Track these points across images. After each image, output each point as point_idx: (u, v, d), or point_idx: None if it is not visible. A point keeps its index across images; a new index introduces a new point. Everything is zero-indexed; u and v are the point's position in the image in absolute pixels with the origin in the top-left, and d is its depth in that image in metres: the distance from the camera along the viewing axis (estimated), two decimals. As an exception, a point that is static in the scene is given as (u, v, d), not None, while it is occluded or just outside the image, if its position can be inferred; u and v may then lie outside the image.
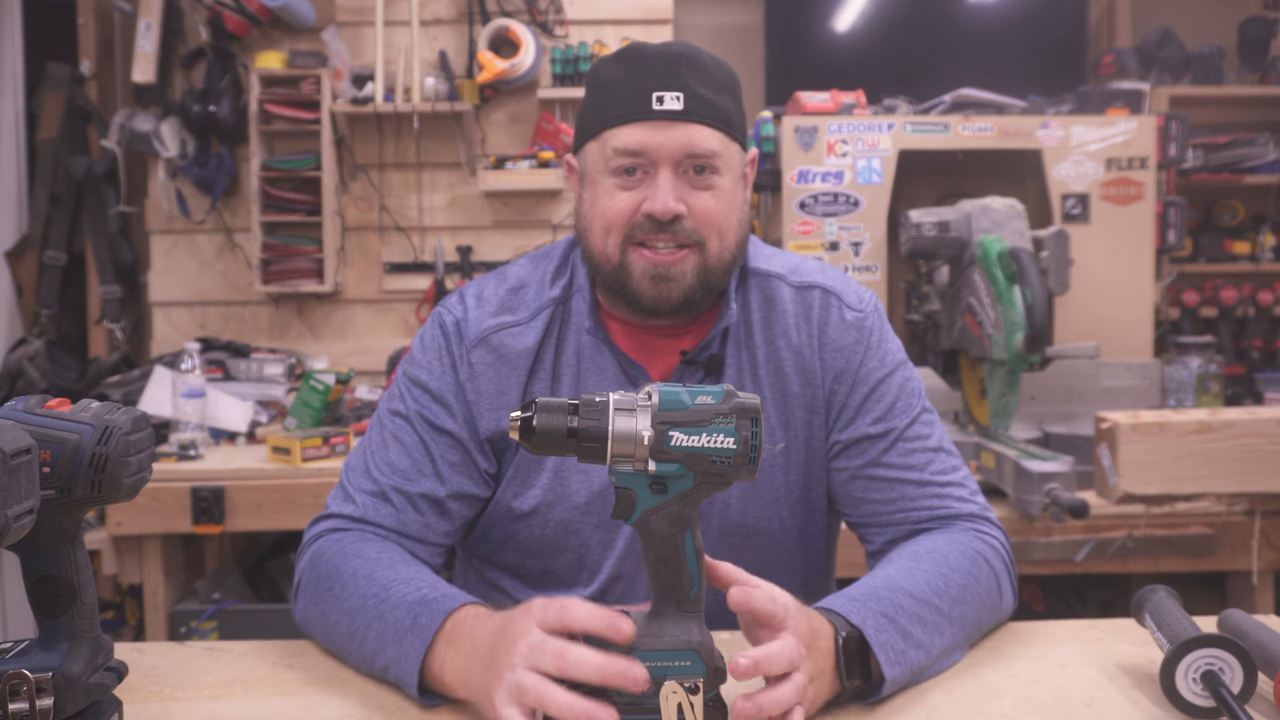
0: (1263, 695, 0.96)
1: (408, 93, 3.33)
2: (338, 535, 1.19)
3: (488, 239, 3.50)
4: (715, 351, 1.24)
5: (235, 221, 3.47)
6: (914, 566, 1.10)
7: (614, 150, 1.16)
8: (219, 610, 2.59)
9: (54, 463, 0.82)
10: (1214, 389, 2.82)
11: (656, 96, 1.14)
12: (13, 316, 3.36)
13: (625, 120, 1.16)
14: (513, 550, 1.27)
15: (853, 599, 1.03)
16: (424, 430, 1.23)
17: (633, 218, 1.17)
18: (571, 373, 1.24)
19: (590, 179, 1.21)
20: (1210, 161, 3.67)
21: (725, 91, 1.19)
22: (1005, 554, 1.21)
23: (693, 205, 1.16)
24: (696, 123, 1.15)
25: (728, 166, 1.19)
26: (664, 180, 1.15)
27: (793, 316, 1.26)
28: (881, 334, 1.28)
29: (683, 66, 1.16)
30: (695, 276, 1.18)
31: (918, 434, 1.24)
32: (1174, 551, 2.19)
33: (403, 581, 1.06)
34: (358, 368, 3.27)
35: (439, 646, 0.97)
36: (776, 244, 2.92)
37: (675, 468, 0.87)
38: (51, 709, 0.83)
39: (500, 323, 1.25)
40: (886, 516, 1.23)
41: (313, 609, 1.14)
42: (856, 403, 1.25)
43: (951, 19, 3.83)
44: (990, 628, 1.16)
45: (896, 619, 1.01)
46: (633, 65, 1.18)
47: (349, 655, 1.09)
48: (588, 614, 0.87)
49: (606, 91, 1.19)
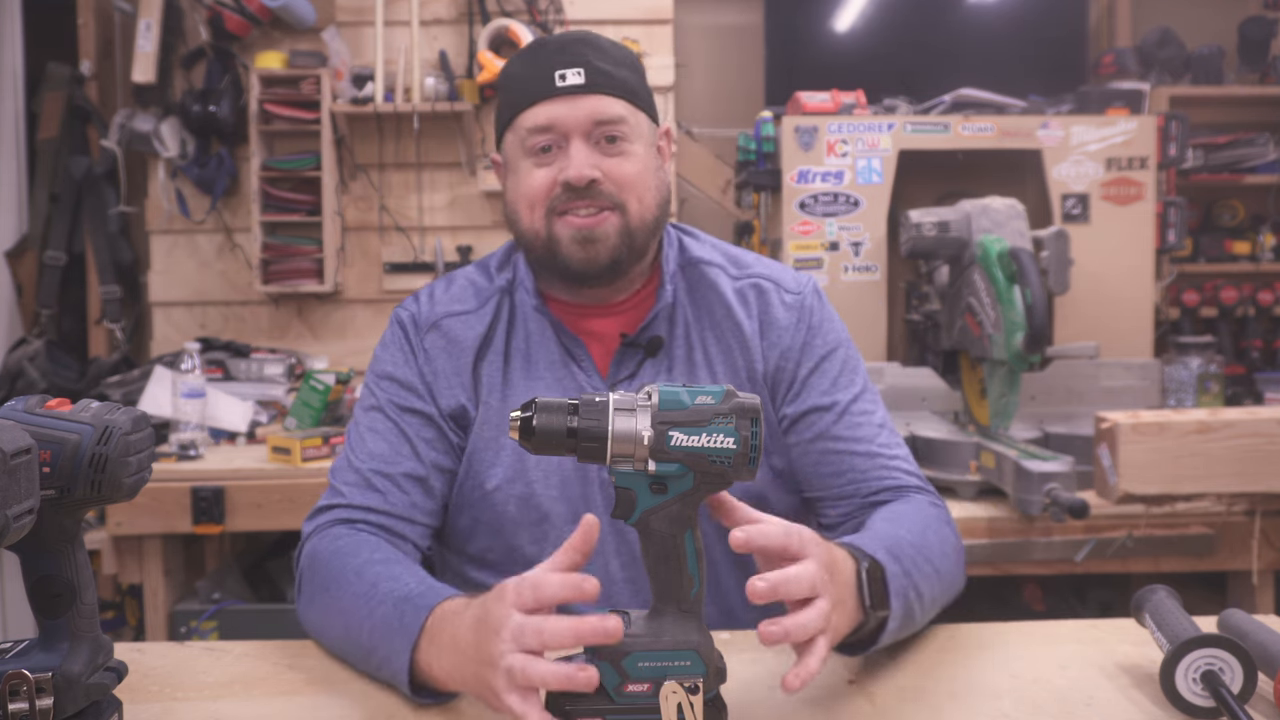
0: (1263, 695, 0.96)
1: (408, 93, 3.33)
2: (332, 532, 1.21)
3: (488, 239, 3.50)
4: (656, 334, 1.28)
5: (235, 221, 3.47)
6: (895, 523, 1.14)
7: (526, 130, 1.22)
8: (219, 610, 2.59)
9: (54, 463, 0.82)
10: (1214, 389, 2.82)
11: (559, 75, 1.22)
12: (13, 316, 3.35)
13: (532, 101, 1.22)
14: (482, 534, 1.29)
15: (859, 537, 1.06)
16: (396, 415, 1.28)
17: (551, 190, 1.22)
18: (521, 354, 1.29)
19: (512, 166, 1.27)
20: (1210, 161, 3.67)
21: (624, 66, 1.25)
22: (954, 526, 1.25)
23: (608, 170, 1.22)
24: (600, 94, 1.22)
25: (638, 134, 1.24)
26: (576, 149, 1.21)
27: (734, 303, 1.31)
28: (822, 313, 1.33)
29: (581, 46, 1.24)
30: (619, 237, 1.23)
31: (863, 409, 1.29)
32: (1174, 551, 2.19)
33: (391, 578, 1.07)
34: (358, 368, 3.26)
35: (423, 644, 0.98)
36: (776, 244, 2.92)
37: (675, 468, 0.87)
38: (51, 709, 0.83)
39: (450, 310, 1.32)
40: (838, 489, 1.27)
41: (311, 609, 1.16)
42: (803, 377, 1.29)
43: (951, 19, 3.83)
44: (951, 596, 1.19)
45: (899, 558, 1.05)
46: (534, 55, 1.26)
47: (347, 654, 1.09)
48: (559, 584, 0.88)
49: (514, 84, 1.26)
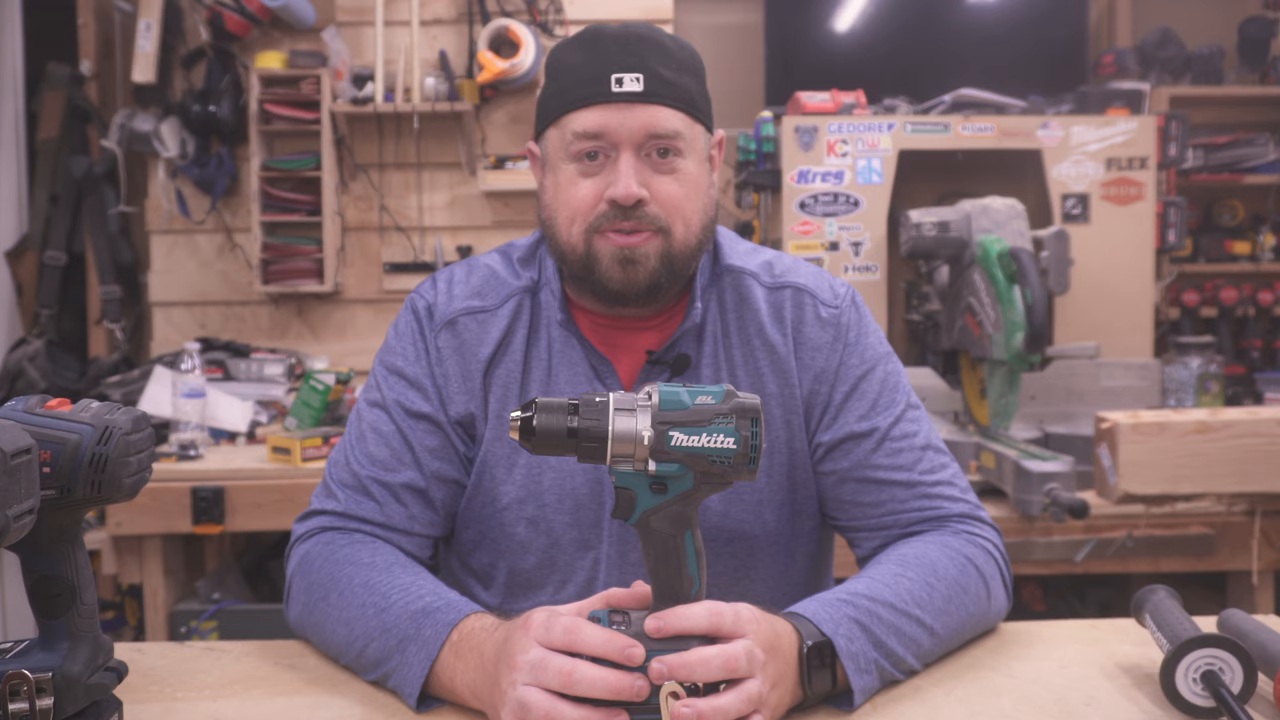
0: (1263, 695, 0.96)
1: (408, 93, 3.33)
2: (327, 536, 1.17)
3: (488, 239, 3.50)
4: (683, 351, 1.22)
5: (235, 221, 3.47)
6: (900, 573, 1.08)
7: (574, 134, 1.14)
8: (219, 610, 2.59)
9: (54, 463, 0.81)
10: (1214, 389, 2.82)
11: (615, 78, 1.12)
12: (13, 316, 3.36)
13: (584, 103, 1.13)
14: (486, 550, 1.25)
15: (827, 604, 1.00)
16: (400, 418, 1.21)
17: (595, 206, 1.14)
18: (543, 366, 1.23)
19: (551, 165, 1.19)
20: (1210, 161, 3.67)
21: (687, 71, 1.16)
22: (998, 554, 1.18)
23: (655, 190, 1.14)
24: (657, 104, 1.13)
25: (691, 149, 1.16)
26: (625, 164, 1.13)
27: (766, 316, 1.23)
28: (860, 329, 1.25)
29: (642, 47, 1.14)
30: (659, 261, 1.15)
31: (904, 432, 1.21)
32: (1174, 551, 2.19)
33: (403, 589, 1.05)
34: (358, 368, 3.26)
35: (446, 658, 0.96)
36: (776, 244, 2.92)
37: (675, 468, 0.87)
38: (51, 709, 0.83)
39: (469, 306, 1.24)
40: (875, 520, 1.20)
41: (307, 617, 1.13)
42: (838, 401, 1.22)
43: (951, 19, 3.83)
44: (978, 633, 1.15)
45: (871, 628, 0.99)
46: (591, 48, 1.15)
47: (346, 663, 1.08)
48: (601, 640, 0.86)
49: (565, 75, 1.16)
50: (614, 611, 0.92)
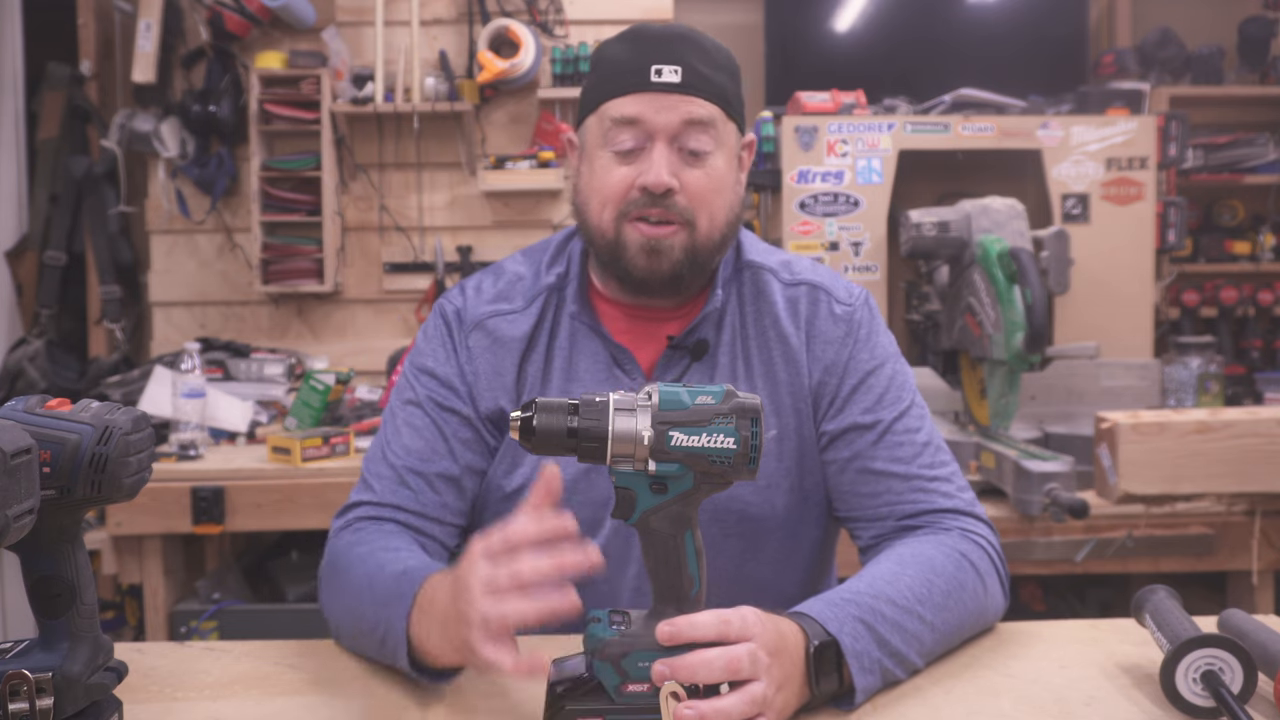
0: (1263, 695, 0.96)
1: (408, 93, 3.33)
2: (356, 525, 1.21)
3: (488, 239, 3.50)
4: (703, 336, 1.26)
5: (235, 221, 3.47)
6: (899, 571, 1.09)
7: (611, 121, 1.19)
8: (219, 610, 2.59)
9: (54, 463, 0.82)
10: (1214, 389, 2.82)
11: (655, 69, 1.18)
12: (13, 316, 3.36)
13: (623, 91, 1.19)
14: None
15: (831, 604, 1.02)
16: (435, 412, 1.25)
17: (628, 193, 1.19)
18: (563, 355, 1.27)
19: (588, 153, 1.24)
20: (1210, 161, 3.67)
21: (723, 71, 1.22)
22: (993, 552, 1.20)
23: (685, 181, 1.19)
24: (693, 95, 1.18)
25: (722, 145, 1.21)
26: (659, 154, 1.18)
27: (782, 309, 1.27)
28: (871, 327, 1.29)
29: (682, 44, 1.20)
30: (683, 253, 1.20)
31: (906, 427, 1.24)
32: (1174, 551, 2.19)
33: (396, 559, 1.08)
34: (358, 368, 3.27)
35: (415, 616, 0.98)
36: (776, 244, 2.92)
37: (675, 468, 0.87)
38: (51, 709, 0.83)
39: (496, 309, 1.28)
40: (872, 511, 1.23)
41: (327, 598, 1.17)
42: (845, 393, 1.25)
43: (951, 19, 3.83)
44: (976, 631, 1.16)
45: (875, 626, 1.01)
46: (634, 42, 1.21)
47: (356, 637, 1.10)
48: (536, 528, 0.88)
49: (607, 67, 1.22)
50: (614, 611, 0.93)
